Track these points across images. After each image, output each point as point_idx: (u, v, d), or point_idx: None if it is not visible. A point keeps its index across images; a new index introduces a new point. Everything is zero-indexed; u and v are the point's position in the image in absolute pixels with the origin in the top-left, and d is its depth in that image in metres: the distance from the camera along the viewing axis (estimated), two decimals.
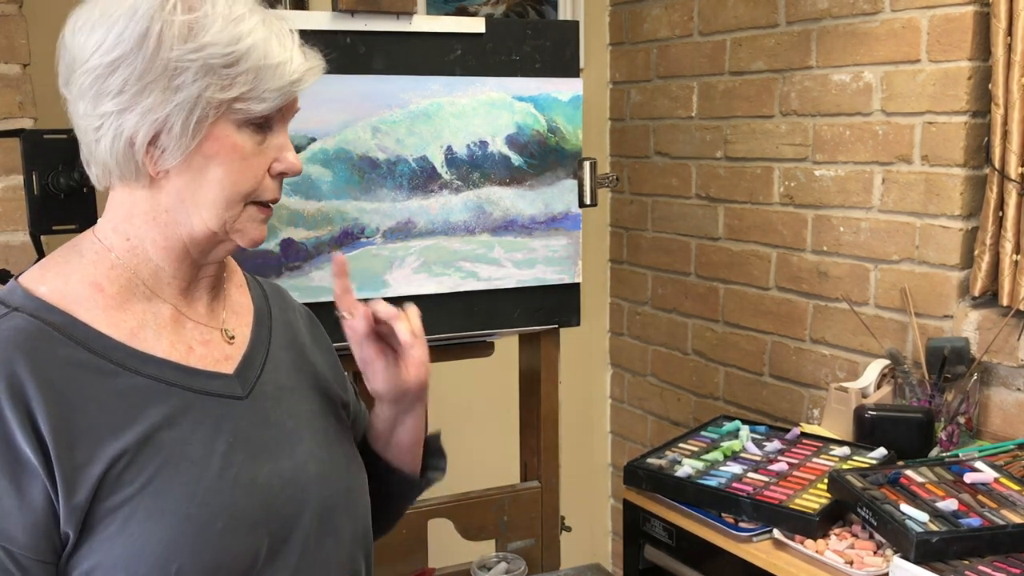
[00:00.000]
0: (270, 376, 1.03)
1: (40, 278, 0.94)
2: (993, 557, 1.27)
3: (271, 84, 0.92)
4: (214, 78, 0.89)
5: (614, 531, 2.89)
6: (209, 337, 1.00)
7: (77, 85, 0.91)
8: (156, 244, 0.96)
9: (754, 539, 1.45)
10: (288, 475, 0.97)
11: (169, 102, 0.89)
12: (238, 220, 0.96)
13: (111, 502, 0.87)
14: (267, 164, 0.96)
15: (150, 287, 0.96)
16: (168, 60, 0.88)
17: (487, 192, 1.68)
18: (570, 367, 2.66)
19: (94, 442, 0.87)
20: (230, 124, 0.92)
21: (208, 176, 0.93)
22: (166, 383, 0.93)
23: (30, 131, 1.63)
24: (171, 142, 0.91)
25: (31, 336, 0.88)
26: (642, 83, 2.64)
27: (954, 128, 1.81)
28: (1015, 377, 1.76)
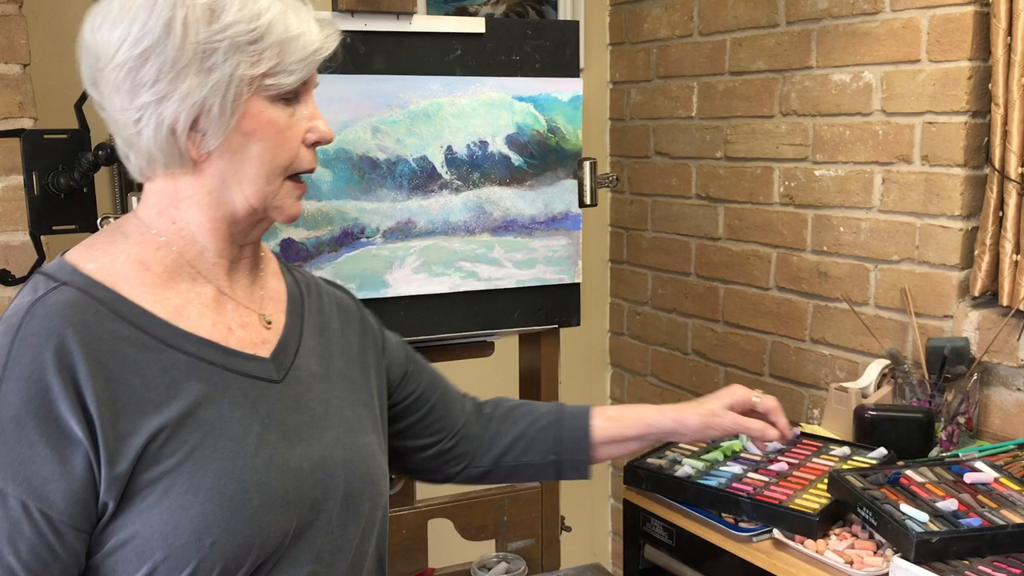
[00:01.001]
0: (302, 362, 1.05)
1: (88, 255, 0.97)
2: (993, 557, 1.27)
3: (295, 56, 0.95)
4: (243, 55, 0.92)
5: (614, 531, 2.89)
6: (248, 320, 1.03)
7: (108, 81, 0.95)
8: (202, 226, 0.99)
9: (754, 539, 1.45)
10: (317, 459, 1.00)
11: (205, 84, 0.92)
12: (277, 196, 0.99)
13: (151, 474, 0.89)
14: (301, 135, 0.99)
15: (195, 267, 1.00)
16: (197, 43, 0.91)
17: (487, 192, 1.68)
18: (570, 367, 2.66)
19: (137, 414, 0.90)
20: (263, 100, 0.95)
21: (248, 153, 0.96)
22: (207, 362, 0.96)
23: (30, 131, 1.63)
24: (211, 123, 0.94)
25: (80, 309, 0.91)
26: (642, 83, 2.64)
27: (954, 128, 1.81)
28: (1015, 377, 1.76)
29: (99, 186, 1.76)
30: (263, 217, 1.01)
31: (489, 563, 1.81)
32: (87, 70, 0.98)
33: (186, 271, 0.99)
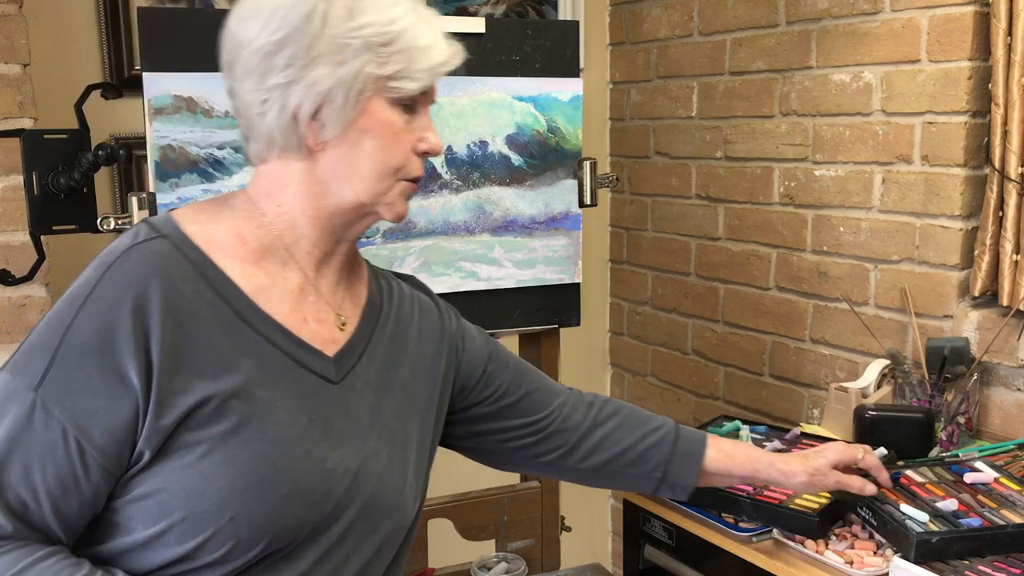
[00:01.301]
0: (362, 369, 1.07)
1: (192, 218, 1.01)
2: (993, 557, 1.27)
3: (421, 64, 0.99)
4: (372, 55, 0.96)
5: (614, 531, 2.89)
6: (325, 316, 1.05)
7: (243, 65, 0.98)
8: (305, 213, 1.01)
9: (754, 539, 1.45)
10: (351, 466, 1.01)
11: (333, 76, 0.95)
12: (388, 193, 1.02)
13: (194, 436, 0.92)
14: (413, 143, 1.02)
15: (289, 252, 1.02)
16: (333, 36, 0.95)
17: (487, 192, 1.68)
18: (570, 367, 2.66)
19: (195, 375, 0.92)
20: (383, 101, 0.99)
21: (362, 149, 0.99)
22: (273, 344, 0.98)
23: (30, 131, 1.63)
24: (332, 114, 0.97)
25: (171, 263, 0.94)
26: (642, 83, 2.64)
27: (954, 128, 1.81)
28: (1015, 377, 1.76)
29: (99, 186, 1.76)
30: (369, 213, 1.03)
31: (489, 563, 1.81)
32: (226, 55, 1.01)
33: (279, 254, 1.01)
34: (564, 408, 1.26)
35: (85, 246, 2.00)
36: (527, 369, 1.28)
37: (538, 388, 1.26)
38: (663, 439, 1.27)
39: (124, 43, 2.07)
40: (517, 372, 1.25)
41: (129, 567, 0.93)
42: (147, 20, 1.49)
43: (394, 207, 1.04)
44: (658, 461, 1.27)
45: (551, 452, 1.25)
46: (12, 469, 0.88)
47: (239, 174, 1.53)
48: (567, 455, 1.25)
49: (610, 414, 1.28)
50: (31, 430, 0.89)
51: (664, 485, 1.28)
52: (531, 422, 1.24)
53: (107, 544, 0.94)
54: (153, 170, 1.49)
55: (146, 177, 1.59)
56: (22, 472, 0.89)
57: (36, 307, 1.76)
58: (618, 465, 1.27)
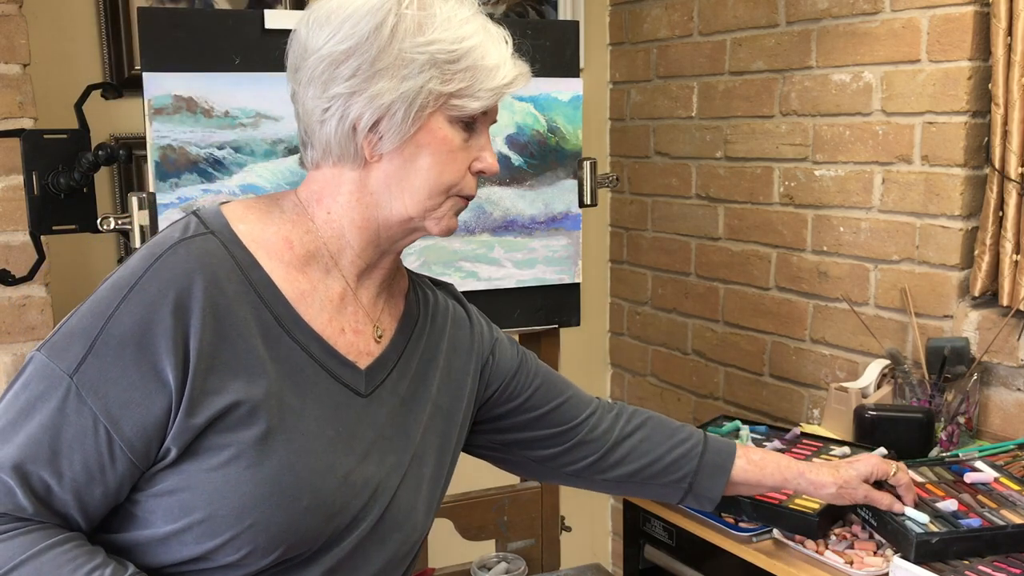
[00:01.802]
0: (394, 383, 1.07)
1: (243, 216, 1.01)
2: (993, 557, 1.27)
3: (485, 84, 0.98)
4: (437, 71, 0.96)
5: (614, 531, 2.89)
6: (363, 328, 1.05)
7: (308, 71, 0.98)
8: (353, 223, 1.01)
9: (754, 539, 1.45)
10: (370, 479, 1.01)
11: (396, 90, 0.95)
12: (439, 209, 1.01)
13: (223, 439, 0.92)
14: (469, 161, 1.02)
15: (334, 260, 1.02)
16: (400, 51, 0.95)
17: (487, 192, 1.68)
18: (570, 367, 2.66)
19: (230, 376, 0.92)
20: (443, 118, 0.98)
21: (417, 164, 0.99)
22: (308, 353, 0.98)
23: (30, 131, 1.63)
24: (391, 128, 0.97)
25: (217, 261, 0.95)
26: (642, 83, 2.64)
27: (954, 128, 1.81)
28: (1015, 377, 1.76)
29: (99, 186, 1.76)
30: (416, 228, 1.03)
31: (489, 563, 1.81)
32: (292, 59, 1.01)
33: (324, 261, 1.01)
34: (592, 419, 1.25)
35: (85, 246, 2.00)
36: (557, 380, 1.27)
37: (568, 399, 1.25)
38: (691, 451, 1.27)
39: (124, 43, 2.07)
40: (546, 383, 1.25)
41: (143, 560, 0.93)
42: (147, 20, 1.49)
43: (443, 222, 1.03)
44: (685, 472, 1.26)
45: (577, 463, 1.25)
46: (41, 453, 0.89)
47: (239, 174, 1.53)
48: (593, 466, 1.25)
49: (638, 425, 1.28)
50: (63, 415, 0.89)
51: (690, 496, 1.28)
52: (558, 433, 1.23)
53: (124, 534, 0.94)
54: (153, 170, 1.49)
55: (146, 177, 1.59)
56: (50, 456, 0.89)
57: (36, 307, 1.76)
58: (644, 476, 1.26)
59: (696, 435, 1.29)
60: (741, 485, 1.30)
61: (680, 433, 1.29)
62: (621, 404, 1.31)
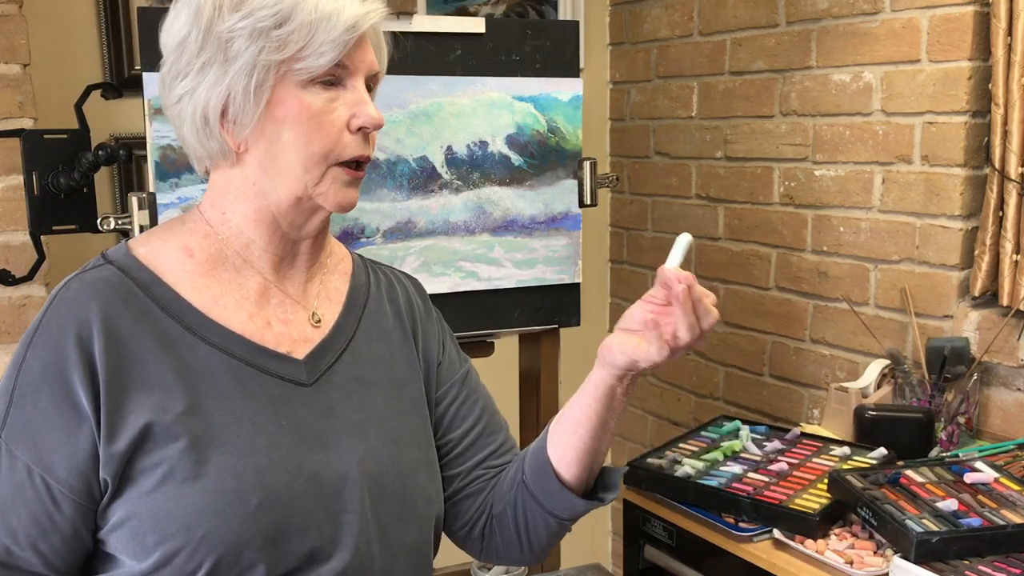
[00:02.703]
0: (347, 367, 1.02)
1: (145, 240, 1.00)
2: (993, 557, 1.27)
3: (326, 36, 0.91)
4: (266, 41, 0.91)
5: (614, 531, 2.89)
6: (292, 317, 1.01)
7: (162, 77, 0.96)
8: (247, 217, 0.98)
9: (754, 539, 1.45)
10: (339, 468, 0.97)
11: (228, 72, 0.92)
12: (320, 183, 0.95)
13: (151, 459, 0.90)
14: (343, 121, 0.94)
15: (242, 258, 0.99)
16: (221, 32, 0.91)
17: (487, 192, 1.68)
18: (570, 367, 2.65)
19: (144, 395, 0.90)
20: (294, 85, 0.93)
21: (282, 140, 0.94)
22: (229, 355, 0.95)
23: (30, 131, 1.63)
24: (239, 111, 0.93)
25: (111, 287, 0.93)
26: (642, 83, 2.64)
27: (954, 128, 1.81)
28: (1015, 377, 1.76)
29: (99, 186, 1.76)
30: (311, 207, 0.98)
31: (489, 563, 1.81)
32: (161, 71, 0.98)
33: (232, 261, 0.99)
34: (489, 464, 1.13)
35: (85, 246, 2.00)
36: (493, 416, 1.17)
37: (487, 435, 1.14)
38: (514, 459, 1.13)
39: (124, 43, 2.07)
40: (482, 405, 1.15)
41: None
42: (147, 20, 1.49)
43: (330, 196, 0.96)
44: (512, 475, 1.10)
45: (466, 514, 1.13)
46: None
47: None
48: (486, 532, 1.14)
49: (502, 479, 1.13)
50: (1, 474, 0.89)
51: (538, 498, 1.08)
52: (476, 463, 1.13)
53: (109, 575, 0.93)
54: (153, 170, 1.49)
55: (146, 177, 1.59)
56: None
57: (36, 307, 1.76)
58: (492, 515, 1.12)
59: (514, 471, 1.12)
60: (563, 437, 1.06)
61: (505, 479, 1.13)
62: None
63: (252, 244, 0.99)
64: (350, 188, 0.97)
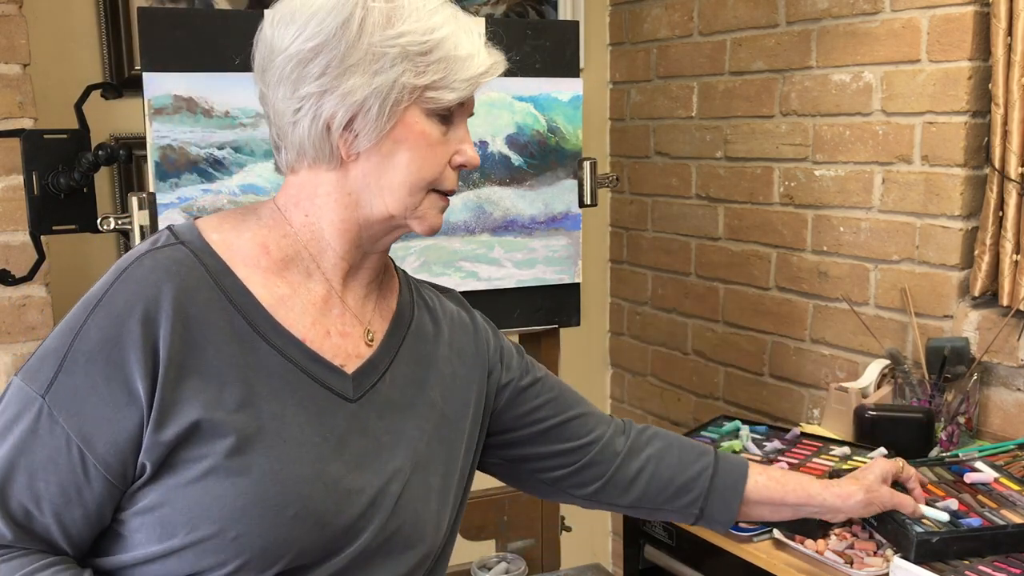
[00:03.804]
0: (385, 387, 1.03)
1: (217, 226, 0.99)
2: (993, 557, 1.27)
3: (460, 75, 0.95)
4: (410, 64, 0.93)
5: (614, 531, 2.89)
6: (350, 330, 1.02)
7: (276, 72, 0.96)
8: (333, 224, 0.99)
9: (754, 539, 1.45)
10: (369, 489, 0.97)
11: (368, 85, 0.93)
12: (420, 207, 0.99)
13: (198, 450, 0.89)
14: (449, 155, 0.99)
15: (315, 263, 1.00)
16: (369, 45, 0.93)
17: (487, 192, 1.68)
18: (570, 367, 2.65)
19: (201, 385, 0.90)
20: (420, 112, 0.96)
21: (395, 161, 0.96)
22: (287, 359, 0.95)
23: (30, 131, 1.63)
24: (366, 125, 0.94)
25: (186, 269, 0.93)
26: (642, 83, 2.64)
27: (954, 128, 1.81)
28: (1015, 377, 1.76)
29: (99, 186, 1.76)
30: (399, 225, 1.00)
31: (489, 563, 1.81)
32: (259, 60, 0.98)
33: (304, 264, 0.99)
34: (602, 439, 1.20)
35: (85, 246, 2.00)
36: (568, 394, 1.23)
37: (578, 416, 1.20)
38: (701, 473, 1.21)
39: (124, 43, 2.07)
40: (557, 396, 1.21)
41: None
42: (147, 20, 1.49)
43: (426, 220, 1.00)
44: (695, 496, 1.21)
45: (587, 486, 1.20)
46: (17, 476, 0.88)
47: (239, 174, 1.53)
48: (602, 490, 1.20)
49: (645, 443, 1.23)
50: (37, 437, 0.88)
51: (703, 520, 1.23)
52: (566, 451, 1.18)
53: (114, 556, 0.92)
54: (153, 170, 1.49)
55: (146, 177, 1.59)
56: (26, 480, 0.88)
57: (36, 307, 1.76)
58: (653, 502, 1.21)
59: (706, 457, 1.23)
60: (761, 504, 1.23)
61: (690, 454, 1.23)
62: (630, 423, 1.25)
63: (328, 250, 1.00)
64: (440, 214, 1.02)
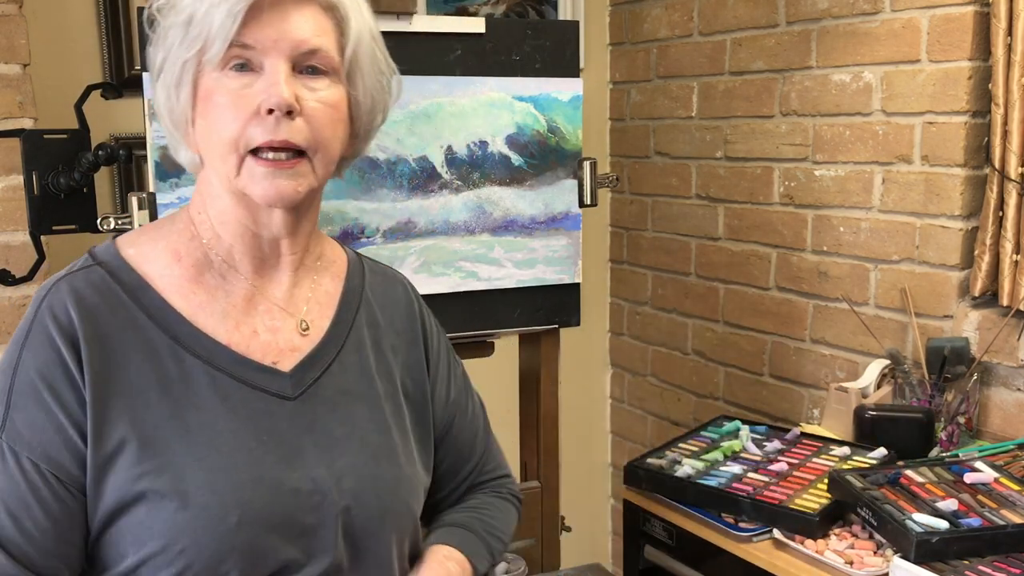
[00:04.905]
0: (334, 379, 1.00)
1: (133, 241, 0.98)
2: (993, 557, 1.27)
3: (216, 22, 0.87)
4: (182, 38, 0.89)
5: (614, 531, 2.89)
6: (280, 324, 0.98)
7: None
8: (219, 219, 0.96)
9: (754, 539, 1.45)
10: (319, 484, 0.94)
11: (168, 73, 0.91)
12: (239, 176, 0.90)
13: (130, 472, 0.88)
14: (254, 106, 0.88)
15: (227, 263, 0.97)
16: (163, 29, 0.91)
17: (487, 192, 1.68)
18: (570, 367, 2.65)
19: (125, 406, 0.89)
20: (210, 78, 0.89)
21: (206, 133, 0.91)
22: (213, 366, 0.93)
23: (30, 131, 1.63)
24: (180, 110, 0.92)
25: (98, 293, 0.92)
26: (642, 83, 2.64)
27: (954, 128, 1.81)
28: (1015, 377, 1.76)
29: (99, 186, 1.76)
30: (251, 201, 0.93)
31: None
32: None
33: (217, 266, 0.96)
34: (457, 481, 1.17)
35: (85, 246, 1.99)
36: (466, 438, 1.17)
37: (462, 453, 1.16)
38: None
39: (124, 43, 2.07)
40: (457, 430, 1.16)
41: None
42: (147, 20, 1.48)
43: (252, 189, 0.90)
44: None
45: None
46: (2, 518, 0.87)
47: None
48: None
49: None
50: (7, 476, 0.87)
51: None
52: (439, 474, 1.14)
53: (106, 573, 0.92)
54: (153, 170, 1.49)
55: (146, 177, 1.59)
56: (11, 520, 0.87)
57: None
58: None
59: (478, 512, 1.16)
60: None
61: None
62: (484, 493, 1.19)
63: (233, 248, 0.96)
64: (271, 179, 0.90)
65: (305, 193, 0.93)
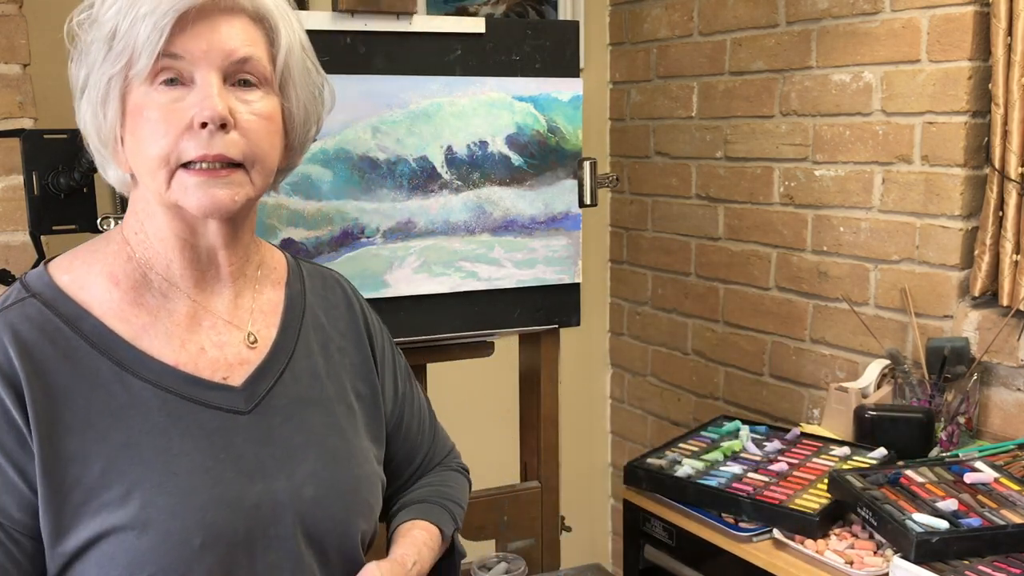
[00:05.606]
0: (286, 388, 0.98)
1: (67, 266, 0.94)
2: (993, 557, 1.27)
3: (142, 35, 0.85)
4: (107, 53, 0.87)
5: (614, 531, 2.89)
6: (226, 338, 0.97)
7: None
8: (156, 235, 0.94)
9: (754, 539, 1.45)
10: (280, 496, 0.93)
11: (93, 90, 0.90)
12: (171, 188, 0.88)
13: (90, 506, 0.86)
14: (186, 120, 0.86)
15: (167, 280, 0.94)
16: (82, 49, 0.89)
17: (487, 192, 1.67)
18: (570, 367, 2.66)
19: (76, 439, 0.87)
20: (138, 93, 0.88)
21: (135, 149, 0.89)
22: (163, 389, 0.91)
23: (30, 131, 1.63)
24: (108, 127, 0.90)
25: (36, 326, 0.89)
26: (642, 83, 2.64)
27: (954, 128, 1.81)
28: (1015, 377, 1.76)
29: (99, 186, 1.76)
30: (187, 214, 0.91)
31: (489, 563, 1.81)
32: None
33: (157, 284, 0.94)
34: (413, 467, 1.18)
35: None
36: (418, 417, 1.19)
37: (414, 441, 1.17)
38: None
39: None
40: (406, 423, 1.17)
41: None
42: None
43: (185, 202, 0.88)
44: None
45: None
46: None
47: None
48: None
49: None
50: None
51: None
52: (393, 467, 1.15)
53: None
54: None
55: None
56: None
57: None
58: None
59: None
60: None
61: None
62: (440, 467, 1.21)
63: (172, 264, 0.94)
64: (204, 189, 0.88)
65: (242, 203, 0.91)
